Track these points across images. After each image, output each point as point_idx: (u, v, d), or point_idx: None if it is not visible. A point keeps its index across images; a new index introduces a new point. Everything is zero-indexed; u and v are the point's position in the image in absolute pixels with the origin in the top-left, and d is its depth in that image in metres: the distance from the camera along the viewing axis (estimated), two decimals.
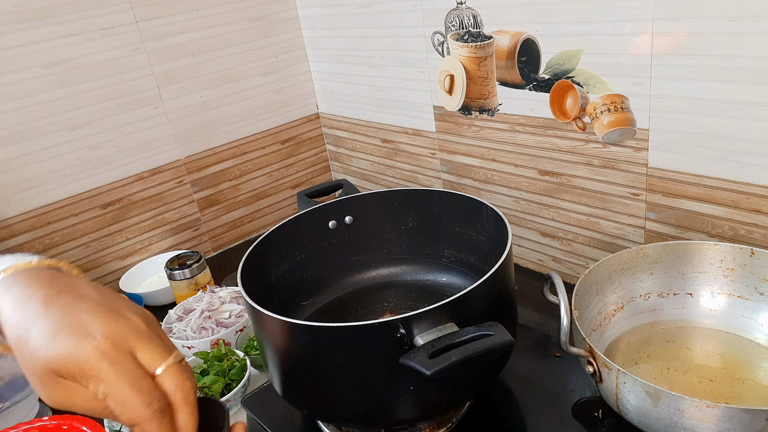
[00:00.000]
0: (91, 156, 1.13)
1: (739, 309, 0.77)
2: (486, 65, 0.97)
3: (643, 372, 0.73)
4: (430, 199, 0.88)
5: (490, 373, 0.70)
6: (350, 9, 1.18)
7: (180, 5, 1.16)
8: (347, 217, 0.90)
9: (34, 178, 1.07)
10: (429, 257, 0.92)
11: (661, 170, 0.81)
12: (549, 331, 0.89)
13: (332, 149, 1.46)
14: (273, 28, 1.30)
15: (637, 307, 0.81)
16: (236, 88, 1.28)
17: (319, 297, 0.90)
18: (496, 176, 1.06)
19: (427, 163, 1.20)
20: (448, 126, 1.10)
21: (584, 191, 0.92)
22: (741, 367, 0.71)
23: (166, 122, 1.21)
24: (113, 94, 1.13)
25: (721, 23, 0.68)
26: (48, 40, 1.03)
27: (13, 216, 1.06)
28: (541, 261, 1.07)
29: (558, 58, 0.86)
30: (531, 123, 0.95)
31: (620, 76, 0.80)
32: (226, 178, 1.32)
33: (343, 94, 1.33)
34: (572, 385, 0.78)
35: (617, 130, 0.84)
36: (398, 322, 0.57)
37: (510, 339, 0.57)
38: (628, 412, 0.63)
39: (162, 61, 1.17)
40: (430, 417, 0.72)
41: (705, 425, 0.57)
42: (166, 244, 1.26)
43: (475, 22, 0.95)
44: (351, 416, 0.69)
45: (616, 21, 0.77)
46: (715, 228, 0.80)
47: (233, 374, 0.84)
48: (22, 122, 1.04)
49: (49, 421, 0.65)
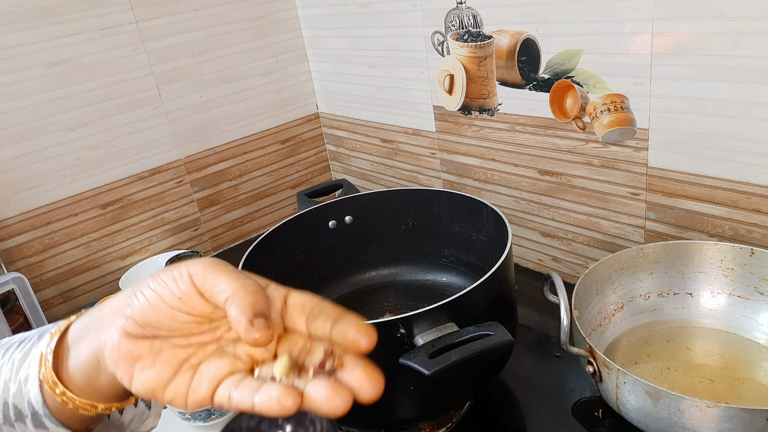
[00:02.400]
0: (91, 156, 1.13)
1: (739, 309, 0.77)
2: (486, 65, 0.97)
3: (643, 372, 0.73)
4: (430, 199, 0.88)
5: (490, 373, 0.70)
6: (350, 9, 1.18)
7: (180, 5, 1.16)
8: (347, 217, 0.90)
9: (34, 178, 1.07)
10: (429, 257, 0.92)
11: (661, 170, 0.81)
12: (549, 331, 0.89)
13: (332, 149, 1.46)
14: (273, 28, 1.30)
15: (637, 306, 0.81)
16: (236, 88, 1.28)
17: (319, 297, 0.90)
18: (496, 176, 1.06)
19: (427, 163, 1.20)
20: (448, 126, 1.10)
21: (584, 191, 0.92)
22: (741, 367, 0.71)
23: (166, 122, 1.21)
24: (113, 94, 1.13)
25: (721, 23, 0.68)
26: (48, 40, 1.03)
27: (13, 216, 1.06)
28: (541, 261, 1.07)
29: (558, 57, 0.86)
30: (531, 123, 0.95)
31: (620, 76, 0.80)
32: (226, 178, 1.32)
33: (343, 94, 1.33)
34: (572, 384, 0.78)
35: (617, 130, 0.84)
36: (398, 322, 0.58)
37: (510, 339, 0.57)
38: (628, 412, 0.63)
39: (162, 61, 1.17)
40: (430, 417, 0.72)
41: (705, 425, 0.57)
42: (166, 244, 1.26)
43: (475, 21, 0.95)
44: (351, 416, 0.69)
45: (616, 21, 0.77)
46: (715, 228, 0.80)
47: None
48: (22, 122, 1.04)
49: None
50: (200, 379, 0.35)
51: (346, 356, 0.35)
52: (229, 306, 0.34)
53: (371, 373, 0.34)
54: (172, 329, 0.35)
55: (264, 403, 0.32)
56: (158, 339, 0.35)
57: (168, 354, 0.35)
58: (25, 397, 0.38)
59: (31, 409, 0.39)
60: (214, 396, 0.34)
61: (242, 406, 0.33)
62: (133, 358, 0.34)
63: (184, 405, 0.34)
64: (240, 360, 0.36)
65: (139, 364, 0.34)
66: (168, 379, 0.34)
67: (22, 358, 0.39)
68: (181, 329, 0.35)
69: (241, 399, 0.33)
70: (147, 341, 0.35)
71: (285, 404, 0.32)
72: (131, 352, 0.34)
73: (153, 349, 0.35)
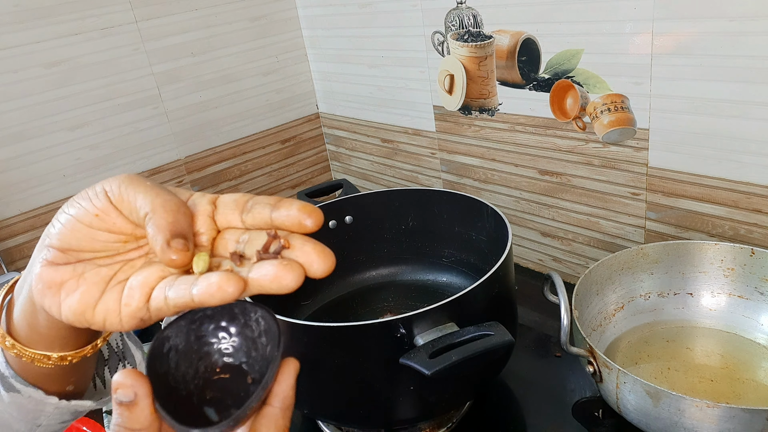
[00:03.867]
0: (91, 156, 1.13)
1: (739, 309, 0.77)
2: (486, 65, 0.97)
3: (643, 372, 0.73)
4: (430, 199, 0.88)
5: (490, 373, 0.70)
6: (350, 9, 1.18)
7: (180, 5, 1.16)
8: (347, 217, 0.90)
9: (34, 178, 1.07)
10: (429, 257, 0.92)
11: (661, 170, 0.81)
12: (549, 331, 0.89)
13: (332, 149, 1.46)
14: (273, 28, 1.30)
15: (638, 306, 0.80)
16: (236, 87, 1.28)
17: (319, 297, 0.90)
18: (496, 176, 1.06)
19: (427, 163, 1.20)
20: (448, 126, 1.10)
21: (584, 191, 0.92)
22: (741, 367, 0.71)
23: (166, 122, 1.20)
24: (113, 94, 1.13)
25: (722, 23, 0.68)
26: (48, 40, 1.03)
27: (13, 216, 1.06)
28: (541, 261, 1.07)
29: (558, 57, 0.86)
30: (531, 123, 0.95)
31: (620, 76, 0.80)
32: (226, 178, 1.32)
33: (343, 93, 1.33)
34: (572, 385, 0.78)
35: (617, 130, 0.83)
36: (398, 322, 0.57)
37: (510, 339, 0.57)
38: (629, 412, 0.63)
39: (162, 61, 1.17)
40: (430, 417, 0.72)
41: (705, 425, 0.57)
42: None
43: (475, 21, 0.95)
44: (351, 416, 0.69)
45: (616, 21, 0.77)
46: (715, 228, 0.80)
47: None
48: (22, 122, 1.04)
49: None
50: (131, 291, 0.32)
51: (292, 237, 0.32)
52: (147, 224, 0.32)
53: (322, 249, 0.31)
54: (95, 250, 0.34)
55: (204, 292, 0.30)
56: (82, 262, 0.33)
57: (92, 273, 0.33)
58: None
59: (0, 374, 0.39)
60: (149, 303, 0.32)
61: (181, 302, 0.31)
62: (56, 284, 0.33)
63: (118, 322, 0.32)
64: (169, 270, 0.33)
65: (64, 290, 0.33)
66: (96, 299, 0.33)
67: None
68: (105, 249, 0.34)
69: (178, 295, 0.31)
70: (70, 266, 0.33)
71: (227, 288, 0.29)
72: (53, 279, 0.33)
73: (76, 272, 0.33)
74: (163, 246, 0.31)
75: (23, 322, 0.37)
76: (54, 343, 0.37)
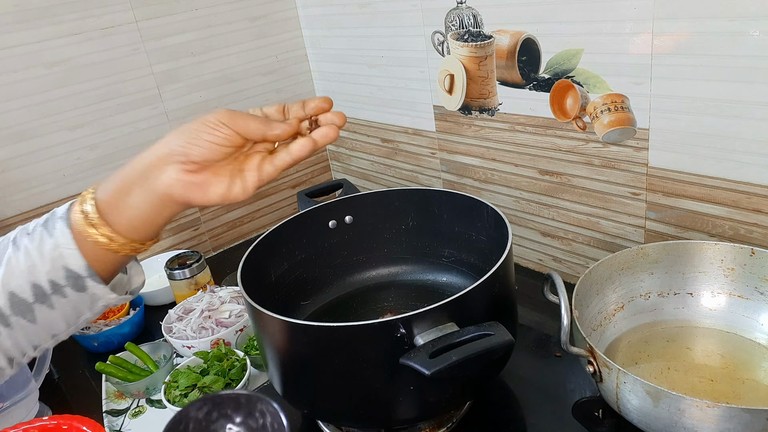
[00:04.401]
0: (91, 156, 1.13)
1: (739, 309, 0.77)
2: (486, 65, 0.97)
3: (643, 372, 0.73)
4: (430, 199, 0.88)
5: (490, 373, 0.70)
6: (350, 9, 1.18)
7: (180, 5, 1.16)
8: (347, 217, 0.90)
9: (34, 178, 1.07)
10: (429, 257, 0.92)
11: (661, 170, 0.81)
12: (549, 331, 0.89)
13: (332, 149, 1.46)
14: (273, 27, 1.30)
15: (638, 306, 0.80)
16: (236, 87, 1.28)
17: (319, 297, 0.90)
18: (496, 176, 1.06)
19: (427, 163, 1.20)
20: (448, 125, 1.10)
21: (584, 191, 0.92)
22: (741, 367, 0.71)
23: (166, 122, 1.20)
24: (113, 94, 1.13)
25: (721, 23, 0.68)
26: (48, 39, 1.03)
27: (13, 216, 1.06)
28: (541, 261, 1.07)
29: (558, 57, 0.86)
30: (531, 122, 0.95)
31: (620, 76, 0.80)
32: None
33: (343, 93, 1.33)
34: (572, 385, 0.78)
35: (617, 130, 0.83)
36: (398, 322, 0.57)
37: (510, 339, 0.57)
38: (629, 411, 0.63)
39: (162, 61, 1.17)
40: (430, 417, 0.72)
41: (705, 425, 0.57)
42: (166, 244, 1.26)
43: (476, 21, 0.95)
44: (351, 416, 0.69)
45: (616, 21, 0.77)
46: (715, 228, 0.80)
47: (233, 374, 0.84)
48: (22, 122, 1.04)
49: (49, 421, 0.65)
50: (249, 173, 0.51)
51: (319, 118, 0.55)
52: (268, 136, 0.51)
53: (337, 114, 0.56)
54: (219, 158, 0.50)
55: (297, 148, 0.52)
56: (214, 166, 0.50)
57: (224, 171, 0.51)
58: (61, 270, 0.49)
59: (70, 277, 0.49)
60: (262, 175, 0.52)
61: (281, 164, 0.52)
62: (197, 184, 0.49)
63: (247, 193, 0.51)
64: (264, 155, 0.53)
65: (208, 186, 0.50)
66: (229, 185, 0.51)
67: (41, 244, 0.49)
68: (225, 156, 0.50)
69: (281, 159, 0.52)
70: (207, 171, 0.50)
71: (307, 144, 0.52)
72: (193, 181, 0.49)
73: (213, 172, 0.50)
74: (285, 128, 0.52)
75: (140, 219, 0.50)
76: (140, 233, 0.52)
